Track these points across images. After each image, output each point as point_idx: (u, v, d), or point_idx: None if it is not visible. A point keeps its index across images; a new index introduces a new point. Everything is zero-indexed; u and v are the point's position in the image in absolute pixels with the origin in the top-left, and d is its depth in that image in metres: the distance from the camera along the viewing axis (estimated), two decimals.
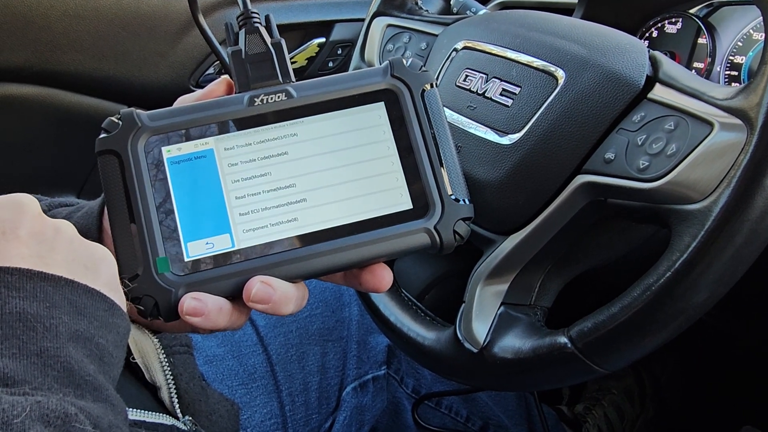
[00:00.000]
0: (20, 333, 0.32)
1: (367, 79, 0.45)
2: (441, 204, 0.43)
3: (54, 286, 0.35)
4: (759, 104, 0.42)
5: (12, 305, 0.33)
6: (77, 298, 0.35)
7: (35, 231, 0.36)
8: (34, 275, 0.34)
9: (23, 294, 0.33)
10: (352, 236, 0.42)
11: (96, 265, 0.38)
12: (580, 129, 0.51)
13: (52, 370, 0.32)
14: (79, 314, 0.35)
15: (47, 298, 0.34)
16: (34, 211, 0.37)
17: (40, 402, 0.29)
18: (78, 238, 0.39)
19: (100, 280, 0.37)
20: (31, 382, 0.30)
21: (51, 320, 0.33)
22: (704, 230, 0.43)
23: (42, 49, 0.97)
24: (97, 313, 0.36)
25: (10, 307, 0.33)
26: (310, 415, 0.73)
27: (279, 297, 0.40)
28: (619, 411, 1.06)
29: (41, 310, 0.33)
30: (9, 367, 0.30)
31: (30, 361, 0.31)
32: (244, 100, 0.43)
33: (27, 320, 0.32)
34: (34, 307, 0.33)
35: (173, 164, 0.42)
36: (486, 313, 0.54)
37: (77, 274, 0.36)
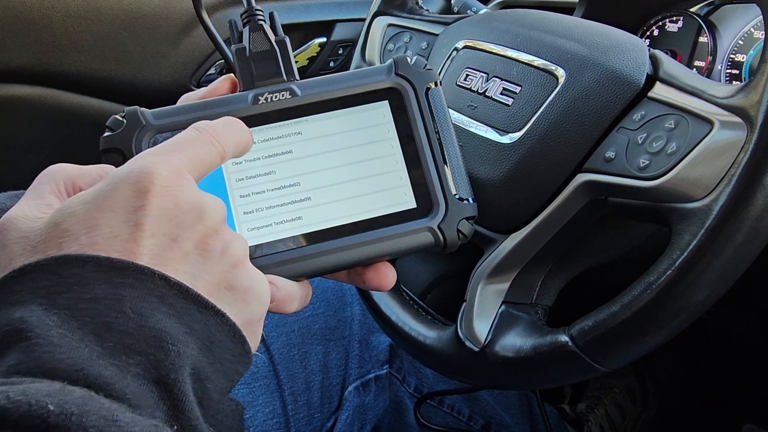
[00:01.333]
0: (151, 351, 0.29)
1: (371, 78, 0.45)
2: (445, 203, 0.43)
3: (202, 312, 0.32)
4: (759, 102, 0.42)
5: (156, 320, 0.30)
6: (216, 332, 0.33)
7: (203, 245, 0.33)
8: (187, 294, 0.32)
9: (170, 311, 0.31)
10: (356, 235, 0.42)
11: (248, 299, 0.35)
12: (581, 128, 0.51)
13: (165, 404, 0.29)
14: (210, 351, 0.32)
15: (190, 323, 0.31)
16: (212, 221, 0.34)
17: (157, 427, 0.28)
18: (243, 263, 0.35)
19: (244, 316, 0.35)
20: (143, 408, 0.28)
21: (183, 347, 0.31)
22: (704, 228, 0.43)
23: (43, 50, 0.97)
24: (226, 355, 0.33)
25: (155, 321, 0.30)
26: (312, 415, 0.73)
27: (283, 295, 0.40)
28: (621, 410, 1.06)
29: (180, 335, 0.31)
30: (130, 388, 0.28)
31: (149, 388, 0.29)
32: (249, 98, 0.43)
33: (162, 339, 0.30)
34: (173, 328, 0.31)
35: None
36: (487, 311, 0.54)
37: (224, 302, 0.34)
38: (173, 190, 0.33)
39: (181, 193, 0.33)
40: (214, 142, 0.37)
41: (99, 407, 0.26)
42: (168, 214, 0.32)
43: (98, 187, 0.33)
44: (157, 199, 0.32)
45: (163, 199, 0.32)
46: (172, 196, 0.33)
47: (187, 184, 0.34)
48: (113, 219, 0.31)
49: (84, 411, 0.26)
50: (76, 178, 0.38)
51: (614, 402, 1.07)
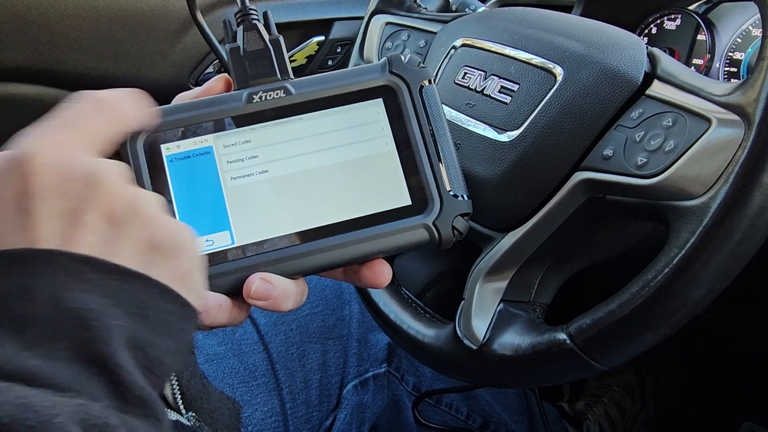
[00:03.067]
0: (74, 332, 0.28)
1: (365, 76, 0.45)
2: (439, 200, 0.43)
3: (121, 279, 0.31)
4: (756, 100, 0.42)
5: (71, 297, 0.29)
6: (145, 297, 0.31)
7: (107, 211, 0.31)
8: (102, 266, 0.30)
9: (86, 286, 0.29)
10: (351, 232, 0.42)
11: (175, 254, 0.33)
12: (579, 126, 0.51)
13: (100, 380, 0.28)
14: (143, 316, 0.31)
15: (111, 293, 0.30)
16: (112, 185, 0.32)
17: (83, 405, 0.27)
18: (160, 217, 0.34)
19: (178, 271, 0.33)
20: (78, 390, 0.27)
21: (109, 320, 0.29)
22: (702, 226, 0.43)
23: (41, 49, 0.97)
24: (164, 316, 0.32)
25: (69, 299, 0.29)
26: (310, 413, 0.73)
27: (279, 293, 0.40)
28: (620, 407, 1.06)
29: (102, 307, 0.29)
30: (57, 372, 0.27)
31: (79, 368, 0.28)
32: (243, 97, 0.43)
33: (84, 317, 0.29)
34: (94, 303, 0.29)
35: (172, 161, 0.42)
36: (485, 310, 0.54)
37: (150, 263, 0.32)
38: (58, 166, 0.31)
39: (67, 165, 0.31)
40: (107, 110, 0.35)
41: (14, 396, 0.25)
42: (58, 191, 0.31)
43: None
44: (41, 179, 0.30)
45: (48, 178, 0.30)
46: (58, 171, 0.31)
47: (74, 155, 0.32)
48: (3, 213, 0.30)
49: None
50: None
51: (613, 400, 1.07)
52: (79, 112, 0.34)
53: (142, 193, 0.34)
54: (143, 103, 0.38)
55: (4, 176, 0.31)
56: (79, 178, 0.31)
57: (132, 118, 0.37)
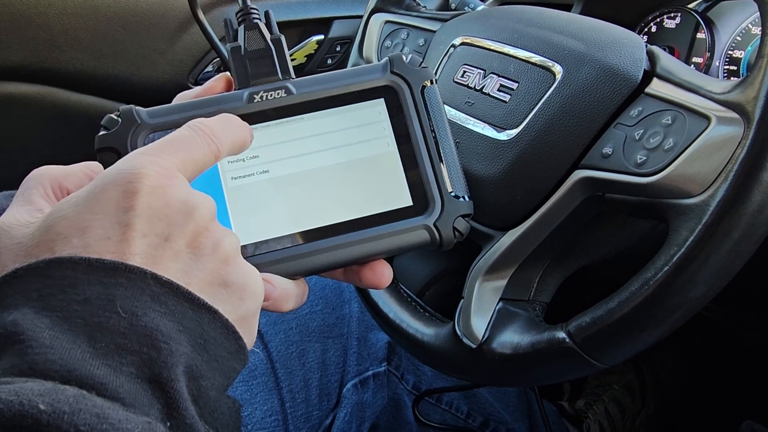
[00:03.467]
0: (143, 349, 0.29)
1: (366, 76, 0.45)
2: (441, 201, 0.43)
3: (194, 309, 0.32)
4: (756, 98, 0.42)
5: (149, 318, 0.30)
6: (210, 330, 0.33)
7: (194, 242, 0.33)
8: (181, 293, 0.32)
9: (162, 309, 0.31)
10: (352, 233, 0.42)
11: (241, 295, 0.35)
12: (578, 124, 0.51)
13: (158, 402, 0.29)
14: (205, 349, 0.32)
15: (182, 321, 0.31)
16: (203, 219, 0.34)
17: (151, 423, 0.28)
18: (235, 259, 0.35)
19: (239, 312, 0.35)
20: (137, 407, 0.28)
21: (177, 346, 0.30)
22: (702, 224, 0.43)
23: (40, 48, 0.97)
24: (222, 352, 0.33)
25: (147, 320, 0.30)
26: (310, 412, 0.73)
27: (279, 294, 0.40)
28: (620, 406, 1.06)
29: (172, 332, 0.31)
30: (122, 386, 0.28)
31: (142, 385, 0.29)
32: (244, 97, 0.43)
33: (155, 338, 0.30)
34: (167, 327, 0.30)
35: None
36: (485, 308, 0.54)
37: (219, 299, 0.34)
38: (163, 189, 0.33)
39: (171, 191, 0.33)
40: (209, 140, 0.37)
41: (91, 405, 0.26)
42: (158, 214, 0.32)
43: (88, 189, 0.33)
44: (147, 199, 0.32)
45: (153, 199, 0.32)
46: (162, 195, 0.33)
47: (177, 183, 0.34)
48: (104, 221, 0.31)
49: (76, 410, 0.26)
50: (61, 179, 0.38)
51: (613, 399, 1.07)
52: (183, 138, 0.36)
53: (226, 232, 0.35)
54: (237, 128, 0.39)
55: (115, 186, 0.32)
56: (181, 207, 0.33)
57: (226, 144, 0.38)
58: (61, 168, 0.38)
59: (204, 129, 0.37)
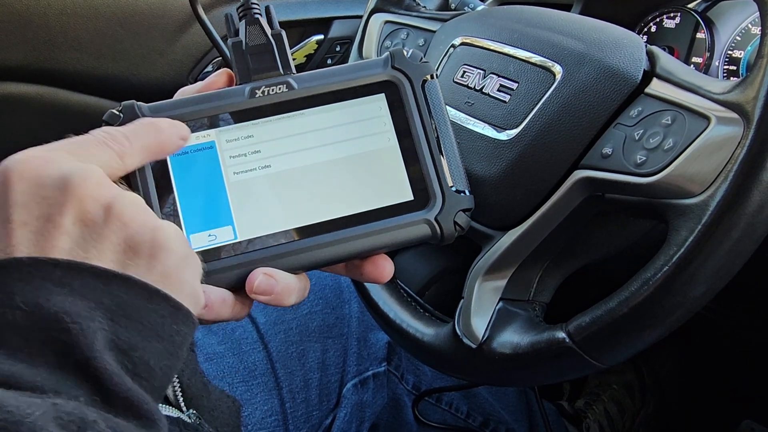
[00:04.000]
0: (54, 336, 0.29)
1: (367, 71, 0.45)
2: (441, 195, 0.44)
3: (102, 281, 0.31)
4: (755, 98, 0.42)
5: (53, 303, 0.29)
6: (129, 298, 0.31)
7: (82, 215, 0.32)
8: (81, 269, 0.30)
9: (66, 290, 0.30)
10: (353, 227, 0.42)
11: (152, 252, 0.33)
12: (578, 124, 0.51)
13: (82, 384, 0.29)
14: (127, 318, 0.31)
15: (92, 296, 0.30)
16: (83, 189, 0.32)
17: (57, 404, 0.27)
18: (138, 216, 0.33)
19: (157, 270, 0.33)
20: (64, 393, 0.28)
21: (90, 323, 0.29)
22: (701, 224, 0.43)
23: (40, 48, 0.97)
24: (151, 318, 0.32)
25: (51, 304, 0.29)
26: (310, 412, 0.73)
27: (281, 288, 0.40)
28: (620, 406, 1.07)
29: (82, 310, 0.30)
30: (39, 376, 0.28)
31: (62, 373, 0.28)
32: (245, 92, 0.43)
33: (63, 322, 0.29)
34: (76, 306, 0.29)
35: (175, 156, 0.42)
36: (485, 308, 0.54)
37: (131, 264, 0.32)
38: (34, 172, 0.32)
39: (42, 171, 0.32)
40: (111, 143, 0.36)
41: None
42: (32, 198, 0.31)
43: None
44: (19, 185, 0.31)
45: (25, 184, 0.32)
46: (33, 178, 0.32)
47: (50, 160, 0.32)
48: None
49: None
50: None
51: (613, 398, 1.07)
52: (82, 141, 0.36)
53: (116, 194, 0.33)
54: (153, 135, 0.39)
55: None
56: (53, 183, 0.32)
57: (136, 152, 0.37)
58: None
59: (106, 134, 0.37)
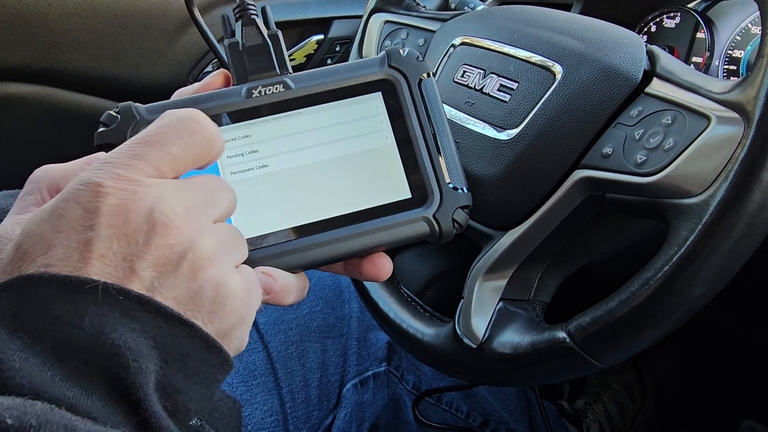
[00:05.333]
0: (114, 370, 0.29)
1: (364, 70, 0.45)
2: (439, 192, 0.44)
3: (168, 324, 0.31)
4: (756, 98, 0.42)
5: (117, 334, 0.29)
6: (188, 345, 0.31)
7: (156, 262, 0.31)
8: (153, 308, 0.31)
9: (133, 325, 0.30)
10: (351, 226, 0.42)
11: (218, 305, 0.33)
12: (578, 124, 0.51)
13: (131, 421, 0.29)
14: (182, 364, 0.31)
15: (156, 337, 0.30)
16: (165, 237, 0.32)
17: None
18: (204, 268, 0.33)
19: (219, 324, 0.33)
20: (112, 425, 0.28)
21: (147, 363, 0.30)
22: (702, 224, 0.43)
23: (40, 48, 0.97)
24: (201, 366, 0.32)
25: (115, 336, 0.29)
26: (310, 412, 0.73)
27: (280, 287, 0.40)
28: (620, 406, 1.07)
29: (142, 349, 0.30)
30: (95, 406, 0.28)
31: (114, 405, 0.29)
32: (242, 92, 0.43)
33: (123, 356, 0.29)
34: (137, 343, 0.30)
35: None
36: (485, 308, 0.54)
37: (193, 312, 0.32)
38: (122, 206, 0.31)
39: (130, 208, 0.31)
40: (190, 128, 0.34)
41: (59, 418, 0.26)
42: (116, 233, 0.31)
43: (53, 204, 0.32)
44: (106, 218, 0.31)
45: (112, 218, 0.31)
46: (122, 212, 0.31)
47: (139, 196, 0.32)
48: (65, 239, 0.31)
49: (43, 422, 0.26)
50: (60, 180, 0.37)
51: (613, 398, 1.07)
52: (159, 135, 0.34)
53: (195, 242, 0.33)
54: None
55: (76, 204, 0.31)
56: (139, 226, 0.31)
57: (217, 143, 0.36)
58: (61, 167, 0.38)
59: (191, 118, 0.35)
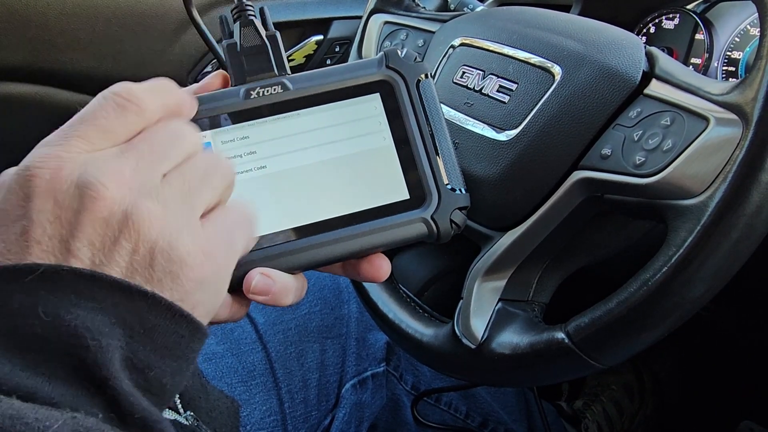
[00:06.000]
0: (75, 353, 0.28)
1: (362, 71, 0.45)
2: (437, 193, 0.44)
3: (127, 298, 0.30)
4: (754, 99, 0.42)
5: (73, 316, 0.28)
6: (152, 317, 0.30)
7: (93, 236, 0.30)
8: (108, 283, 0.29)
9: (92, 305, 0.29)
10: (349, 227, 0.43)
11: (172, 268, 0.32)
12: (577, 125, 0.52)
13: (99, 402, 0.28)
14: (147, 338, 0.30)
15: (115, 312, 0.29)
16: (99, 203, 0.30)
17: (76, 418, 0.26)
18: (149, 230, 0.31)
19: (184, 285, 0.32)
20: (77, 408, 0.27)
21: (110, 340, 0.29)
22: (700, 225, 0.43)
23: (40, 48, 0.97)
24: (170, 338, 0.31)
25: (72, 318, 0.28)
26: (309, 412, 0.73)
27: (278, 288, 0.40)
28: (618, 406, 1.07)
29: (103, 327, 0.29)
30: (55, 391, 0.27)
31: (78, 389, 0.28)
32: (241, 93, 0.43)
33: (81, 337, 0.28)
34: (96, 322, 0.28)
35: None
36: (484, 309, 0.54)
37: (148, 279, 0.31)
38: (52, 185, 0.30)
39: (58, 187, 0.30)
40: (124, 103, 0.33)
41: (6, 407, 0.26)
42: (48, 217, 0.30)
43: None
44: (37, 203, 0.30)
45: (42, 202, 0.30)
46: (51, 192, 0.30)
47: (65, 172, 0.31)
48: (4, 233, 0.30)
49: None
50: None
51: (612, 399, 1.07)
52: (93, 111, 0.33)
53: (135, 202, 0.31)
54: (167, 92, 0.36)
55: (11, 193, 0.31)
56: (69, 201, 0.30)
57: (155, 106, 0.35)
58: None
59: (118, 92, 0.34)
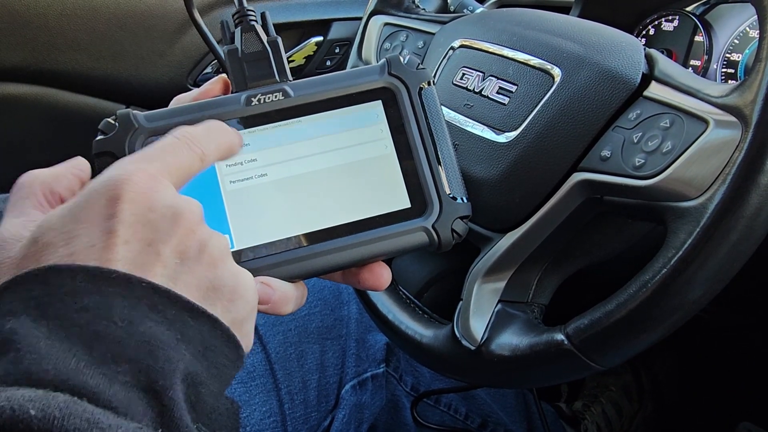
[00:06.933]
0: (140, 358, 0.29)
1: (364, 78, 0.45)
2: (439, 203, 0.43)
3: (194, 318, 0.32)
4: (754, 101, 0.43)
5: (146, 327, 0.30)
6: (211, 338, 0.33)
7: (180, 247, 0.33)
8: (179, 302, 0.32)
9: (161, 319, 0.31)
10: (350, 236, 0.42)
11: (233, 298, 0.35)
12: (577, 127, 0.52)
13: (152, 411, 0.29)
14: (204, 357, 0.32)
15: (182, 330, 0.31)
16: (188, 223, 0.34)
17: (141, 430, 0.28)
18: (223, 261, 0.35)
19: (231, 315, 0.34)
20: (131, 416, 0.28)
21: (175, 353, 0.30)
22: (700, 227, 0.43)
23: (39, 49, 0.97)
24: (221, 360, 0.33)
25: (144, 328, 0.30)
26: (309, 413, 0.73)
27: (278, 297, 0.40)
28: (617, 408, 1.07)
29: (171, 340, 0.31)
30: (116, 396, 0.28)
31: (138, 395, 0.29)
32: (241, 100, 0.43)
33: (153, 346, 0.30)
34: (165, 336, 0.30)
35: None
36: (483, 310, 0.54)
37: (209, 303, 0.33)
38: (146, 195, 0.33)
39: (154, 196, 0.33)
40: (193, 146, 0.37)
41: (82, 411, 0.26)
42: (141, 219, 0.32)
43: (74, 199, 0.33)
44: (129, 206, 0.32)
45: (136, 205, 0.32)
46: (146, 200, 0.33)
47: (162, 187, 0.34)
48: (89, 229, 0.31)
49: (66, 414, 0.26)
50: (52, 183, 0.38)
51: (611, 400, 1.07)
52: (168, 146, 0.36)
53: (212, 235, 0.35)
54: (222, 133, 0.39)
55: (99, 195, 0.32)
56: (163, 212, 0.33)
57: (211, 150, 0.38)
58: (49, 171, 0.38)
59: (187, 136, 0.37)
